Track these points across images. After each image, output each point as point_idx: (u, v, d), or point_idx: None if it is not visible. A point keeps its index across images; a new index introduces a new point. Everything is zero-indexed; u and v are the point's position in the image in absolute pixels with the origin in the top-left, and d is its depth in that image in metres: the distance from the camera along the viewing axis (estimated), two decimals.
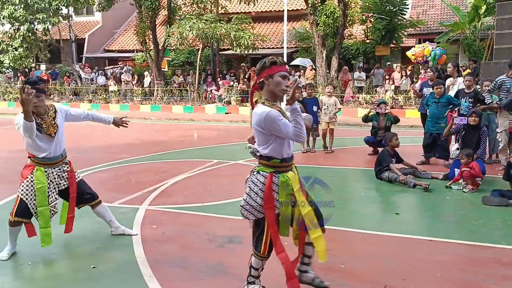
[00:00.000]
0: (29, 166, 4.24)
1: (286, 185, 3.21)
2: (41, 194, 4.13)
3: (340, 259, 4.16)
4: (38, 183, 4.12)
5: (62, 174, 4.31)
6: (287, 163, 3.27)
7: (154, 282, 3.73)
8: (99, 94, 21.33)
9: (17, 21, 20.81)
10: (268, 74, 3.17)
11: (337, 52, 18.50)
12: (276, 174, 3.22)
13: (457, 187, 6.55)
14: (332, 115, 9.37)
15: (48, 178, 4.21)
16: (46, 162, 4.21)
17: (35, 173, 4.15)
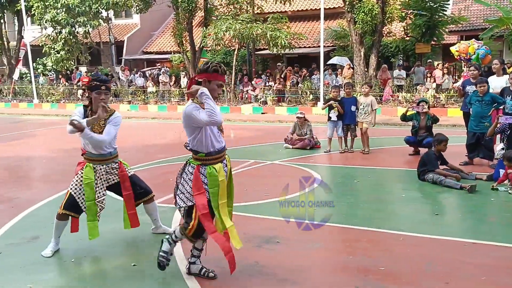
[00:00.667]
0: (80, 163, 4.44)
1: (212, 176, 3.55)
2: (89, 189, 4.27)
3: (379, 261, 4.09)
4: (86, 178, 4.28)
5: (111, 171, 4.46)
6: (213, 156, 3.59)
7: (193, 281, 3.77)
8: (138, 95, 21.80)
9: (59, 25, 21.52)
10: (208, 79, 3.55)
11: (376, 50, 18.16)
12: (203, 166, 3.57)
13: (503, 188, 6.31)
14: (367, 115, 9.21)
15: (96, 174, 4.34)
16: (94, 158, 4.35)
17: (84, 169, 4.32)
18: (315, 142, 9.93)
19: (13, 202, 6.23)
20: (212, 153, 3.59)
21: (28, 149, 10.64)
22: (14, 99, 24.66)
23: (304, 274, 3.88)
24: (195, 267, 3.87)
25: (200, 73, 3.60)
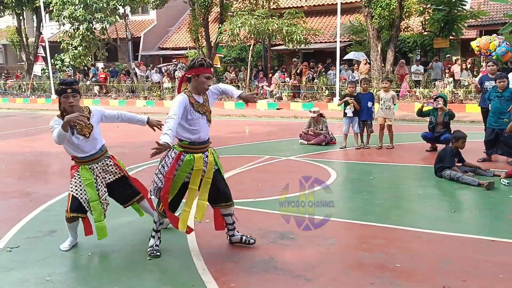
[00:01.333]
0: (74, 166, 4.36)
1: (188, 163, 3.91)
2: (91, 189, 4.24)
3: (395, 258, 4.06)
4: (85, 180, 4.24)
5: (106, 168, 4.41)
6: (195, 146, 3.93)
7: (208, 275, 3.79)
8: (154, 91, 21.94)
9: (77, 21, 21.73)
10: (196, 73, 3.84)
11: (393, 45, 17.95)
12: (184, 154, 3.92)
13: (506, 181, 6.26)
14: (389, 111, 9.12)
15: (94, 173, 4.30)
16: (88, 159, 4.29)
17: (80, 172, 4.27)
18: (330, 138, 9.87)
19: (31, 196, 6.33)
20: (195, 143, 3.93)
21: (46, 144, 10.80)
22: (33, 94, 25.05)
23: (319, 270, 3.87)
24: (236, 238, 4.33)
25: (187, 70, 3.91)
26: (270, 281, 3.70)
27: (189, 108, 3.84)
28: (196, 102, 3.91)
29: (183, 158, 3.93)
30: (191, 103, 3.85)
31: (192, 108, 3.86)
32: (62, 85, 4.15)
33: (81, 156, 4.27)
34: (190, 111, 3.85)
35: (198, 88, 3.91)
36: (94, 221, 4.29)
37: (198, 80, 3.86)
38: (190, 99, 3.85)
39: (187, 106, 3.83)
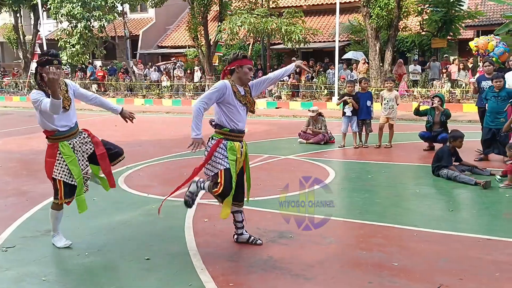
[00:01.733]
0: (51, 146, 4.28)
1: (233, 150, 3.99)
2: (74, 166, 4.23)
3: (393, 257, 4.07)
4: (67, 157, 4.21)
5: (84, 141, 4.40)
6: (235, 134, 4.04)
7: (206, 275, 3.79)
8: (152, 89, 21.92)
9: (75, 19, 21.66)
10: (239, 65, 4.02)
11: (391, 45, 17.97)
12: (224, 140, 4.01)
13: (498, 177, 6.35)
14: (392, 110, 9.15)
15: (74, 149, 4.28)
16: (67, 134, 4.27)
17: (61, 150, 4.21)
18: (329, 137, 9.88)
19: (28, 195, 6.32)
20: (234, 131, 4.03)
21: (43, 143, 10.76)
22: (30, 92, 25.01)
23: (318, 269, 3.87)
24: (243, 237, 4.36)
25: (230, 62, 4.08)
26: (269, 280, 3.70)
27: (231, 95, 3.97)
28: (238, 91, 4.04)
29: (225, 144, 4.01)
30: (234, 91, 3.99)
31: (234, 97, 3.99)
32: (48, 56, 4.11)
33: (62, 131, 4.23)
34: (232, 99, 3.98)
35: (242, 79, 4.06)
36: (76, 195, 4.27)
37: (242, 71, 4.03)
38: (233, 88, 4.00)
39: (228, 92, 3.95)
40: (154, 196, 6.09)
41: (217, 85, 3.97)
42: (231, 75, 4.10)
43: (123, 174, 7.35)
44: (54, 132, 4.23)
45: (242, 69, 4.04)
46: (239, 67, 4.04)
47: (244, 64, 4.03)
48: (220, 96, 3.93)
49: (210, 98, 3.94)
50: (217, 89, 3.93)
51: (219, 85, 3.96)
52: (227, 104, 3.98)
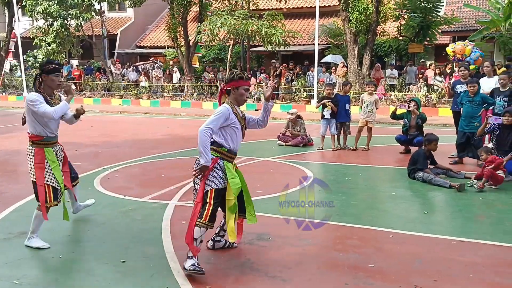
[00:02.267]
0: (38, 151, 4.39)
1: (229, 171, 3.91)
2: (57, 172, 4.43)
3: (369, 259, 4.12)
4: (52, 163, 4.41)
5: (61, 152, 4.60)
6: (231, 155, 3.98)
7: (183, 277, 3.76)
8: (130, 89, 21.68)
9: (51, 17, 21.27)
10: (235, 86, 3.93)
11: (369, 49, 18.22)
12: (221, 159, 3.91)
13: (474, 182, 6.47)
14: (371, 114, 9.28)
15: (56, 156, 4.49)
16: (52, 141, 4.48)
17: (47, 156, 4.39)
18: (308, 139, 9.95)
19: (1, 196, 6.18)
20: (232, 151, 3.97)
21: (17, 143, 10.54)
22: (3, 91, 24.43)
23: (295, 271, 3.89)
24: (220, 244, 4.35)
25: (227, 83, 4.00)
26: (246, 282, 3.70)
27: (233, 117, 3.91)
28: (238, 113, 3.99)
29: (221, 164, 3.90)
30: (234, 113, 3.93)
31: (236, 118, 3.94)
32: (54, 65, 4.39)
33: (50, 137, 4.43)
34: (234, 122, 3.92)
35: (238, 100, 3.99)
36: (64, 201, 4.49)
37: (238, 92, 3.95)
38: (233, 109, 3.93)
39: (230, 115, 3.88)
40: (131, 198, 6.03)
41: (220, 110, 3.85)
42: (228, 95, 4.03)
43: (99, 175, 7.25)
44: (42, 137, 4.39)
45: (238, 91, 3.95)
46: (235, 88, 3.95)
47: (240, 86, 3.94)
48: (225, 121, 3.86)
49: (216, 124, 3.82)
50: (221, 113, 3.83)
51: (222, 110, 3.85)
52: (232, 126, 3.92)
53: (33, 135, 4.40)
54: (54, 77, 4.34)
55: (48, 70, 4.34)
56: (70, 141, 10.27)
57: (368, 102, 9.32)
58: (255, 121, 4.23)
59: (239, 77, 3.95)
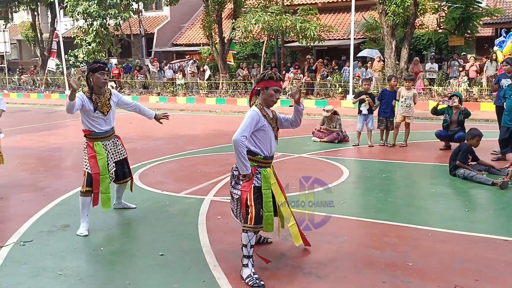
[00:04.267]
0: (89, 144, 4.77)
1: (267, 178, 3.79)
2: (102, 164, 4.74)
3: (407, 257, 4.03)
4: (99, 155, 4.74)
5: (116, 148, 4.94)
6: (268, 160, 3.85)
7: (219, 271, 3.80)
8: (167, 87, 22.02)
9: (91, 17, 21.88)
10: (265, 86, 3.80)
11: (407, 43, 17.77)
12: (258, 168, 3.79)
13: None
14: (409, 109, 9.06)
15: (106, 149, 4.83)
16: (102, 136, 4.81)
17: (95, 149, 4.75)
18: (343, 135, 9.83)
19: (45, 191, 6.40)
20: (268, 157, 3.84)
21: (60, 139, 10.92)
22: (47, 90, 25.31)
23: (330, 268, 3.85)
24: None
25: (257, 83, 3.87)
26: (281, 278, 3.70)
27: (263, 120, 3.76)
28: (268, 114, 3.84)
29: (259, 172, 3.78)
30: (263, 115, 3.78)
31: (266, 120, 3.79)
32: (99, 64, 4.74)
33: (97, 132, 4.77)
34: (263, 124, 3.77)
35: (267, 101, 3.82)
36: (101, 192, 4.71)
37: (267, 92, 3.79)
38: (262, 111, 3.79)
39: (260, 118, 3.75)
40: (168, 193, 6.14)
41: (249, 115, 3.72)
42: (258, 95, 3.89)
43: (138, 170, 7.41)
44: (91, 132, 4.78)
45: (267, 91, 3.79)
46: (265, 88, 3.80)
47: (270, 86, 3.79)
48: (255, 124, 3.71)
49: (249, 130, 3.69)
50: (251, 117, 3.70)
51: (251, 114, 3.72)
52: (261, 130, 3.76)
53: (84, 129, 4.81)
54: (99, 75, 4.67)
55: (94, 69, 4.69)
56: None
57: (406, 97, 9.10)
58: (288, 121, 4.08)
59: (269, 77, 3.79)
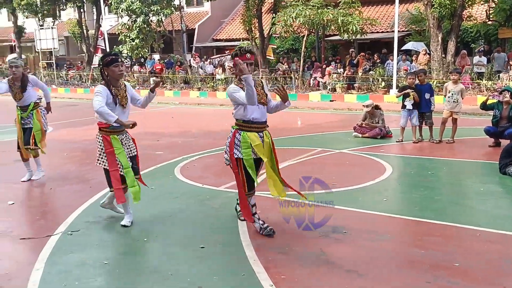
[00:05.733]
0: (105, 138, 4.66)
1: (244, 140, 4.28)
2: (123, 157, 4.65)
3: (453, 257, 3.89)
4: (117, 149, 4.64)
5: (128, 142, 4.80)
6: (249, 125, 4.31)
7: (259, 265, 3.80)
8: (207, 82, 22.22)
9: (134, 13, 22.36)
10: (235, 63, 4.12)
11: (455, 35, 17.13)
12: (239, 131, 4.33)
13: None
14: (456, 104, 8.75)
15: (122, 143, 4.70)
16: (118, 129, 4.66)
17: (113, 143, 4.63)
18: (386, 131, 9.59)
19: (91, 182, 6.60)
20: (248, 122, 4.30)
21: None
22: (93, 85, 26.10)
23: (372, 266, 3.77)
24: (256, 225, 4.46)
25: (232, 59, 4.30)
26: (321, 275, 3.65)
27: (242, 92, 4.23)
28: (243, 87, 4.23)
29: (238, 136, 4.33)
30: (240, 87, 4.24)
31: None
32: (112, 56, 4.64)
33: (114, 125, 4.54)
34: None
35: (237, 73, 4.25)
36: (129, 186, 4.62)
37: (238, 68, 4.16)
38: (239, 85, 4.25)
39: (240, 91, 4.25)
40: (208, 187, 6.19)
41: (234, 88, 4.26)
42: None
43: (179, 164, 7.52)
44: (108, 125, 4.61)
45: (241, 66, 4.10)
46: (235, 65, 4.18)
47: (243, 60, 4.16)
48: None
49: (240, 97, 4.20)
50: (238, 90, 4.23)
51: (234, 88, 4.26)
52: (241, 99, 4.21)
53: (100, 122, 4.68)
54: (113, 67, 4.56)
55: (107, 62, 4.59)
56: (152, 131, 10.77)
57: (453, 92, 8.77)
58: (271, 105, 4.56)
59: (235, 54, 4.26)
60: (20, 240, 4.55)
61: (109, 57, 4.63)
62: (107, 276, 3.75)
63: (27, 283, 3.62)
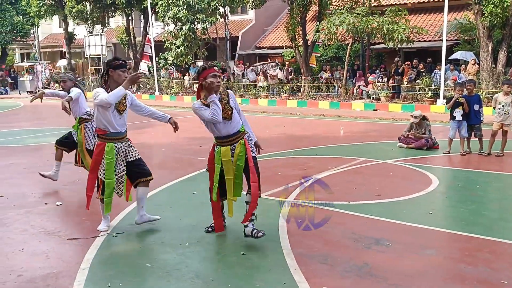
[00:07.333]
0: (99, 144, 4.64)
1: (218, 155, 4.51)
2: (109, 168, 4.60)
3: (501, 274, 3.74)
4: (108, 158, 4.59)
5: (128, 149, 4.78)
6: (221, 140, 4.49)
7: (300, 275, 3.76)
8: (249, 89, 22.37)
9: (180, 21, 22.85)
10: (203, 77, 4.32)
11: (506, 45, 16.48)
12: (216, 146, 4.55)
13: None
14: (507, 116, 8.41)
15: (117, 152, 4.66)
16: (115, 137, 4.64)
17: (106, 150, 4.59)
18: (433, 142, 9.32)
19: None
20: (219, 138, 4.49)
21: (149, 138, 11.49)
22: (138, 90, 26.81)
23: (417, 281, 3.66)
24: (248, 230, 4.43)
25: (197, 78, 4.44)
26: (364, 287, 3.57)
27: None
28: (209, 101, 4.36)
29: (215, 150, 4.55)
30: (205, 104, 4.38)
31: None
32: (121, 61, 4.63)
33: (111, 132, 4.59)
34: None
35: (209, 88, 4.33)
36: (105, 196, 4.64)
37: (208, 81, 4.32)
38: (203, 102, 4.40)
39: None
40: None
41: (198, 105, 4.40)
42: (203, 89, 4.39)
43: None
44: (105, 132, 4.61)
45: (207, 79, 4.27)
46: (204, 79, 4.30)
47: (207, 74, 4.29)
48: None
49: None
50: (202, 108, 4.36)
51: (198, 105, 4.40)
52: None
53: (98, 129, 4.66)
54: (120, 72, 4.55)
55: (115, 66, 4.57)
56: (195, 136, 10.91)
57: (504, 103, 8.43)
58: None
59: (202, 68, 4.38)
60: (67, 240, 4.70)
61: (118, 61, 4.62)
62: (150, 278, 3.81)
63: (73, 282, 3.73)
